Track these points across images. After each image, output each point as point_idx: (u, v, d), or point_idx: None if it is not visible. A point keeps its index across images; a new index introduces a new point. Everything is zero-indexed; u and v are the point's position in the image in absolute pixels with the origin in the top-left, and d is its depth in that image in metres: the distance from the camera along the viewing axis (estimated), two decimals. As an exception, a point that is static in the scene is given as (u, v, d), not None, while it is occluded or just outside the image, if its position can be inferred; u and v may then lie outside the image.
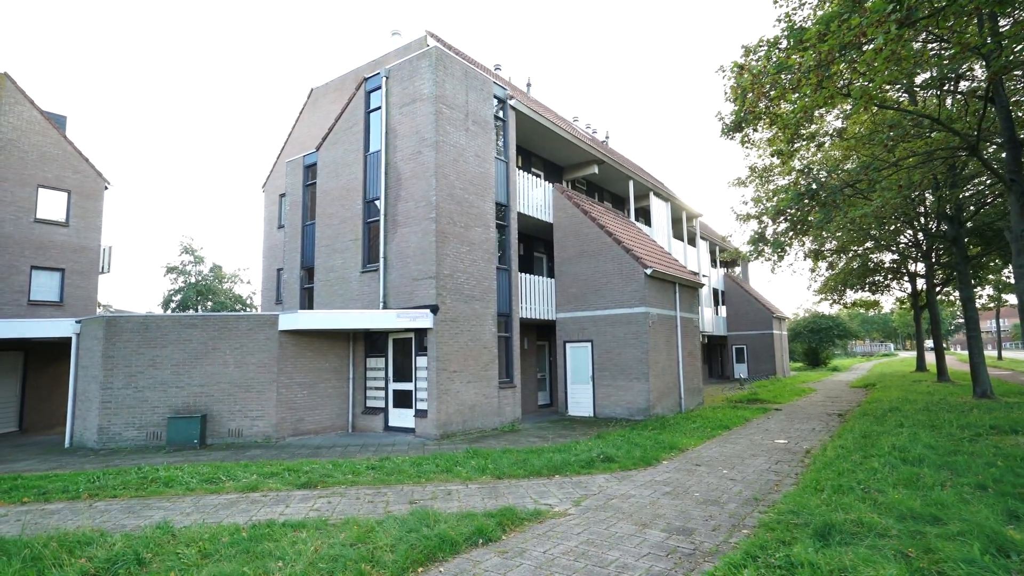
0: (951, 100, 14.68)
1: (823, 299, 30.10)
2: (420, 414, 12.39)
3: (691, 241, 28.42)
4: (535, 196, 16.50)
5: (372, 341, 13.78)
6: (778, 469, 8.58)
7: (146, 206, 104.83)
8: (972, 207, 18.35)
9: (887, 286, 28.95)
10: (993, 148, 13.94)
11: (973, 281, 22.52)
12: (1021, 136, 10.13)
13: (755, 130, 10.82)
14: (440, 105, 12.92)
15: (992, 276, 26.99)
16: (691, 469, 8.65)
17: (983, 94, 9.84)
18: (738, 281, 34.76)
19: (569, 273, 16.42)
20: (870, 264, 26.24)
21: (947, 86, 11.10)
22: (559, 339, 16.49)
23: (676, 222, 27.22)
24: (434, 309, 12.21)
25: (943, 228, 20.29)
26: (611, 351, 15.33)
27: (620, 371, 15.12)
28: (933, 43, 9.94)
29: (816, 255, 24.03)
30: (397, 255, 13.14)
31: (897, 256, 26.17)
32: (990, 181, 18.13)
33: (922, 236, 22.83)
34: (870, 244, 23.78)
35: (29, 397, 16.16)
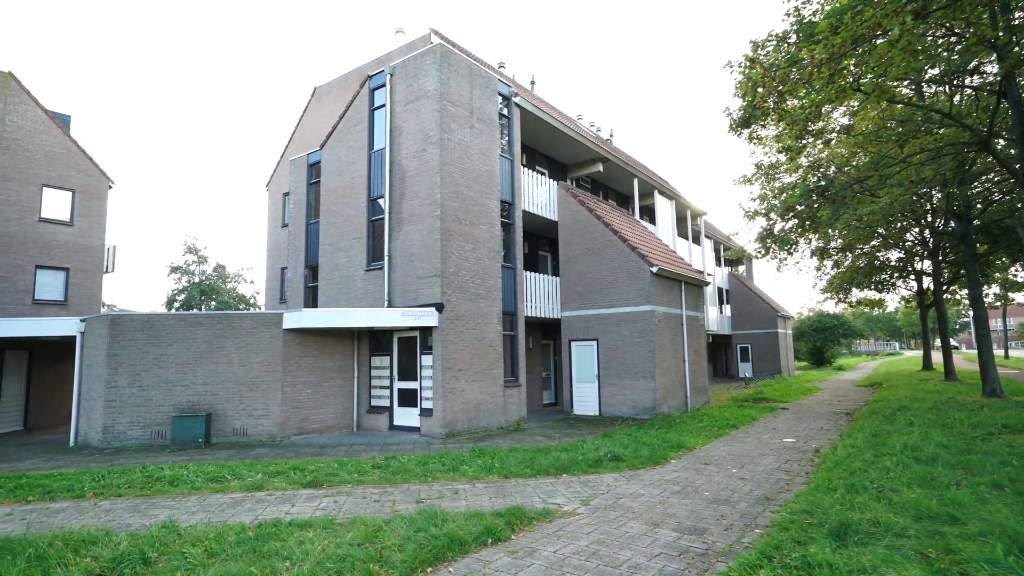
0: (959, 97, 14.55)
1: (828, 297, 29.93)
2: (425, 413, 12.32)
3: (695, 239, 28.30)
4: (540, 194, 16.42)
5: (377, 340, 13.72)
6: (788, 468, 8.49)
7: (150, 205, 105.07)
8: (979, 204, 18.20)
9: (893, 284, 28.79)
10: (1002, 144, 13.80)
11: (980, 279, 22.34)
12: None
13: (763, 126, 10.72)
14: (445, 102, 12.85)
15: (999, 275, 26.80)
16: (700, 468, 8.57)
17: (995, 89, 9.72)
18: (743, 280, 34.61)
19: (574, 271, 16.34)
20: (876, 262, 26.08)
21: (956, 80, 10.96)
22: (564, 338, 16.41)
23: (680, 220, 27.09)
24: (439, 307, 12.14)
25: (950, 226, 20.16)
26: (617, 350, 15.24)
27: (626, 370, 15.03)
28: (943, 38, 9.82)
29: (822, 253, 23.91)
30: (402, 253, 13.08)
31: (903, 254, 26.02)
32: (998, 178, 17.99)
33: (928, 234, 22.68)
34: (876, 242, 23.63)
35: (34, 396, 16.15)
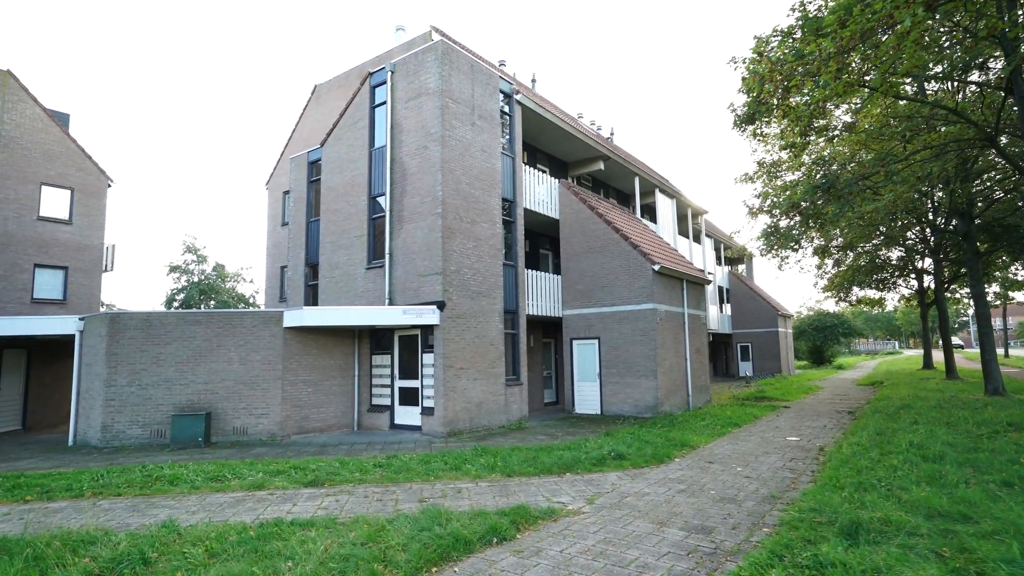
0: (962, 94, 14.49)
1: (829, 296, 29.87)
2: (427, 412, 12.25)
3: (696, 238, 28.23)
4: (541, 192, 16.35)
5: (378, 338, 13.64)
6: (793, 467, 8.43)
7: (149, 204, 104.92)
8: (980, 202, 18.15)
9: (894, 283, 28.74)
10: (1003, 140, 13.73)
11: (982, 277, 22.27)
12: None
13: (767, 123, 10.65)
14: (446, 99, 12.77)
15: (998, 273, 26.76)
16: (704, 467, 8.50)
17: (1002, 85, 9.65)
18: (743, 279, 34.54)
19: (576, 269, 16.26)
20: (877, 261, 26.02)
21: (961, 76, 10.88)
22: (566, 336, 16.34)
23: (681, 219, 27.02)
24: (440, 305, 12.06)
25: (951, 224, 20.09)
26: (618, 348, 15.17)
27: (628, 368, 14.96)
28: (951, 33, 9.75)
29: (823, 252, 23.85)
30: (403, 251, 13.00)
31: (904, 253, 25.96)
32: (999, 176, 17.95)
33: (930, 232, 22.63)
34: (878, 240, 23.57)
35: (32, 395, 16.05)
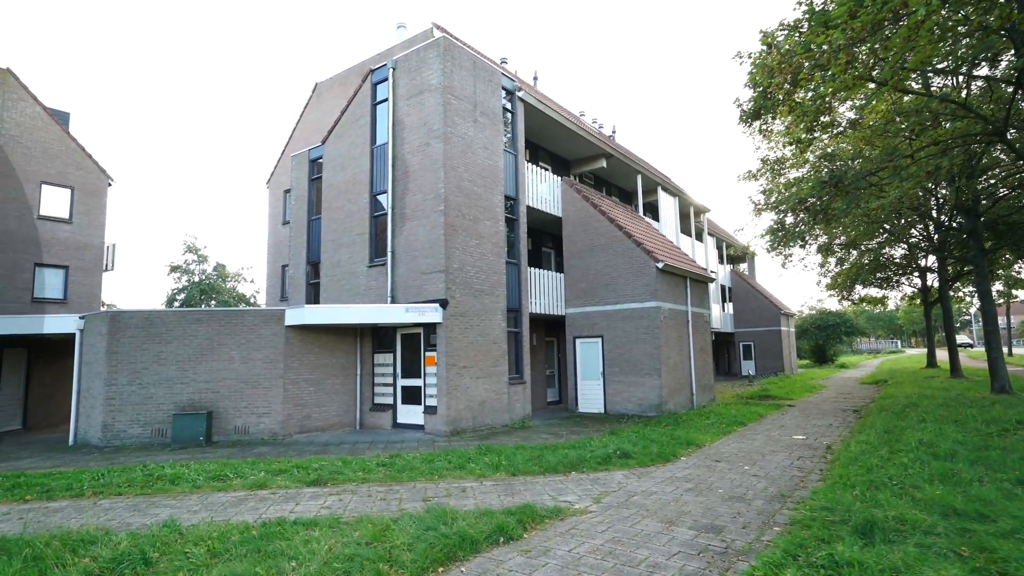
0: (967, 91, 14.37)
1: (832, 295, 29.76)
2: (429, 410, 12.16)
3: (698, 237, 28.11)
4: (543, 190, 16.25)
5: (380, 337, 13.55)
6: (801, 465, 8.33)
7: (150, 203, 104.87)
8: (984, 200, 18.03)
9: (897, 282, 28.61)
10: (1013, 134, 13.60)
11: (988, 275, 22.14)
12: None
13: (773, 117, 10.55)
14: (448, 96, 12.68)
15: (1001, 271, 26.63)
16: (711, 465, 8.41)
17: (1012, 79, 9.55)
18: (745, 277, 34.43)
19: (578, 267, 16.17)
20: (881, 259, 25.91)
21: (969, 69, 10.75)
22: (568, 334, 16.24)
23: (684, 217, 26.88)
24: (443, 303, 11.98)
25: (955, 222, 19.98)
26: (622, 346, 15.07)
27: (631, 367, 14.86)
28: (963, 25, 9.63)
29: (826, 250, 23.74)
30: (405, 249, 12.91)
31: (907, 250, 25.85)
32: (1004, 173, 17.83)
33: (933, 229, 22.51)
34: (882, 238, 23.45)
35: (33, 395, 15.98)
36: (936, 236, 22.46)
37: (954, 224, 20.77)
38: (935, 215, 21.82)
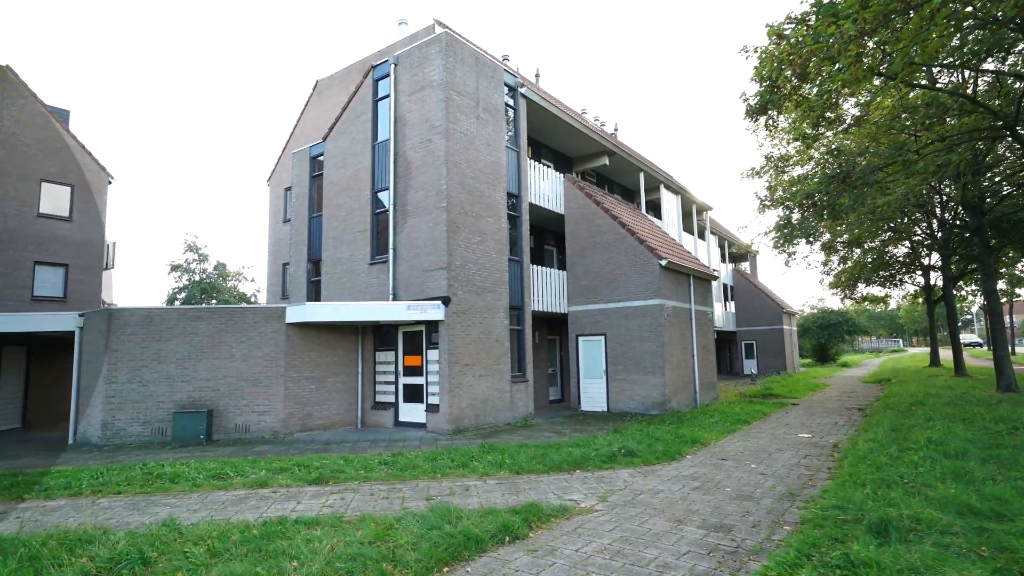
0: (972, 88, 14.25)
1: (835, 293, 29.64)
2: (432, 409, 12.06)
3: (701, 235, 27.99)
4: (545, 187, 16.15)
5: (382, 334, 13.45)
6: (808, 463, 8.23)
7: (150, 201, 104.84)
8: (989, 198, 17.92)
9: (900, 280, 28.49)
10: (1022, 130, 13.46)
11: (994, 273, 22.02)
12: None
13: (779, 112, 10.43)
14: (450, 92, 12.57)
15: (1004, 270, 26.50)
16: (717, 463, 8.31)
17: (1023, 74, 9.44)
18: (747, 276, 34.30)
19: (581, 265, 16.06)
20: (885, 257, 25.79)
21: (979, 64, 10.61)
22: (571, 333, 16.13)
23: (686, 215, 26.77)
24: (446, 301, 11.87)
25: (961, 218, 19.84)
26: (625, 344, 14.97)
27: (635, 365, 14.76)
28: (972, 17, 9.51)
29: (830, 248, 23.62)
30: (407, 246, 12.81)
31: (910, 249, 25.73)
32: (1009, 171, 17.71)
33: (937, 227, 22.39)
34: (885, 236, 23.33)
35: (32, 394, 15.89)
36: (940, 234, 22.34)
37: (958, 222, 20.64)
38: (939, 213, 21.70)
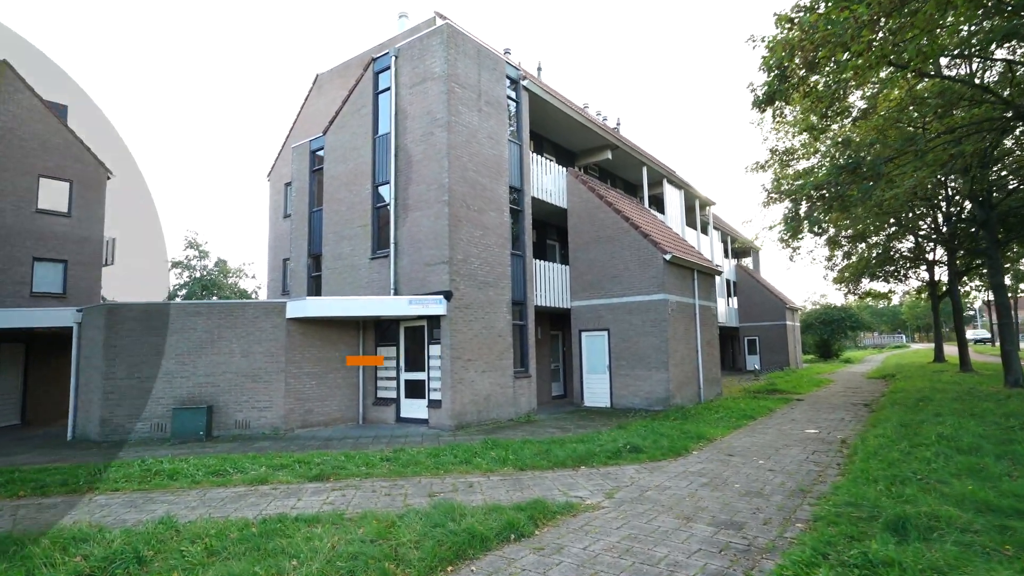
0: (979, 79, 14.05)
1: (839, 288, 29.43)
2: (434, 404, 11.93)
3: (703, 230, 27.80)
4: (548, 181, 15.98)
5: (383, 330, 13.31)
6: (817, 459, 8.09)
7: (149, 199, 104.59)
8: (996, 191, 17.72)
9: (904, 275, 28.28)
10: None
11: (1001, 267, 21.82)
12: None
13: (787, 102, 10.26)
14: (452, 84, 12.40)
15: (1009, 265, 26.30)
16: (725, 459, 8.17)
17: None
18: (750, 272, 34.13)
19: (584, 259, 15.90)
20: (890, 252, 25.60)
21: (991, 53, 10.41)
22: (574, 328, 15.99)
23: (689, 210, 26.60)
24: (447, 295, 11.73)
25: (968, 212, 19.63)
26: (629, 339, 14.82)
27: (638, 360, 14.61)
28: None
29: (833, 243, 23.42)
30: (408, 240, 12.66)
31: (915, 243, 25.52)
32: (1016, 165, 17.51)
33: (943, 221, 22.18)
34: (891, 230, 23.13)
35: (31, 390, 15.79)
36: (945, 228, 22.14)
37: (964, 216, 20.43)
38: (944, 207, 21.49)
